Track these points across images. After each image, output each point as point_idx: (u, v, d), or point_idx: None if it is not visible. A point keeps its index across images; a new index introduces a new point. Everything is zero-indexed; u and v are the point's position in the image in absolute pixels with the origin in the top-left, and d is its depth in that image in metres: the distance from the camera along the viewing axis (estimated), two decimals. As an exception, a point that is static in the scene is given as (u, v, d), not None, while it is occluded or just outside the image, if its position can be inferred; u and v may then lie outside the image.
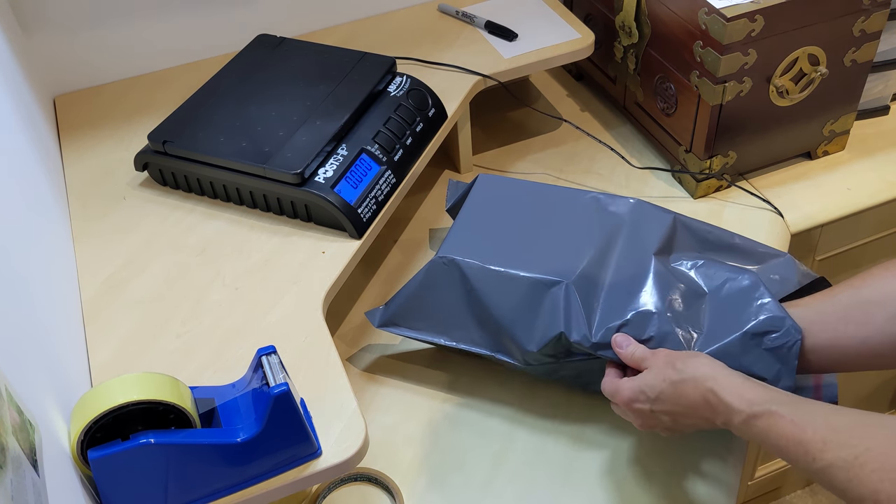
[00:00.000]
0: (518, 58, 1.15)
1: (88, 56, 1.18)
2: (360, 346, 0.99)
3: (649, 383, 0.75)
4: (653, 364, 0.76)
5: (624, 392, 0.77)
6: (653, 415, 0.75)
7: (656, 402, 0.74)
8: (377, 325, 0.91)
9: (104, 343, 0.84)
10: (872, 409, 1.54)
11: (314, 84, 1.04)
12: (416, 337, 0.91)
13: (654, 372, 0.75)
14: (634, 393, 0.76)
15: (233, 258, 0.92)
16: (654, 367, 0.76)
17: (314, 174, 0.93)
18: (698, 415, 0.72)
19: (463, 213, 0.94)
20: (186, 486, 0.68)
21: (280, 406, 0.67)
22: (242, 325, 0.85)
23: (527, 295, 0.84)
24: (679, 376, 0.73)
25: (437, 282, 0.88)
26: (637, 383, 0.76)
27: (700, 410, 0.72)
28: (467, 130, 1.17)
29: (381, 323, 0.91)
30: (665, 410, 0.74)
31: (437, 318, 0.90)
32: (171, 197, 1.01)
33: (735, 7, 0.96)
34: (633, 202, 0.91)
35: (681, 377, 0.73)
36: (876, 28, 1.05)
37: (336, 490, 0.86)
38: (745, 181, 1.15)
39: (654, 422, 0.76)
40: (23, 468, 0.53)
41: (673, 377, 0.73)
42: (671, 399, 0.73)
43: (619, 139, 1.24)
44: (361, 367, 0.97)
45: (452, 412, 0.92)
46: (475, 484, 0.85)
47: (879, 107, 1.24)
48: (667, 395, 0.74)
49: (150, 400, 0.65)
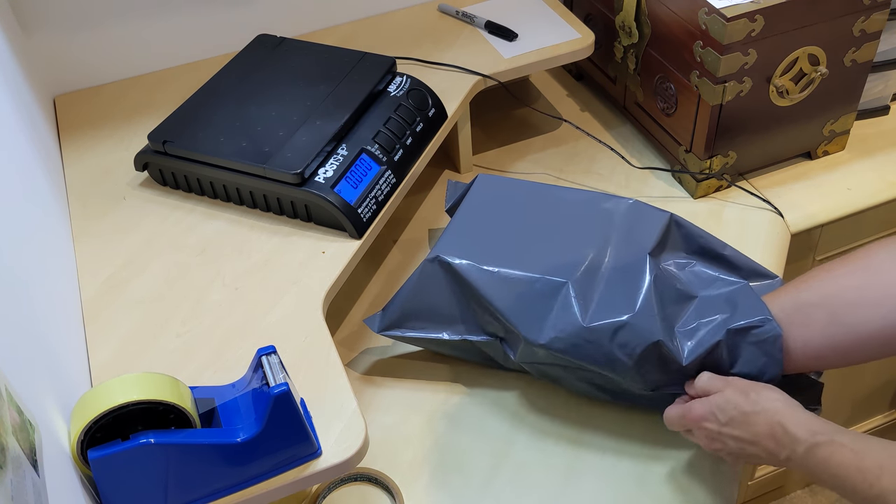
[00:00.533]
0: (518, 58, 1.15)
1: (88, 56, 1.18)
2: (361, 346, 0.99)
3: (722, 407, 0.76)
4: (725, 388, 0.77)
5: (696, 409, 0.78)
6: (721, 436, 0.76)
7: (726, 426, 0.75)
8: (377, 331, 0.91)
9: (104, 343, 0.84)
10: (872, 409, 1.55)
11: (314, 84, 1.04)
12: (416, 336, 0.91)
13: (726, 397, 0.76)
14: (706, 412, 0.77)
15: (233, 258, 0.92)
16: (726, 393, 0.76)
17: (314, 174, 0.93)
18: (763, 446, 0.73)
19: (459, 213, 0.94)
20: (186, 486, 0.68)
21: (280, 406, 0.67)
22: (242, 325, 0.85)
23: (523, 294, 0.84)
24: (751, 407, 0.74)
25: (431, 283, 0.89)
26: (709, 405, 0.77)
27: (765, 442, 0.73)
28: (467, 130, 1.17)
29: (381, 328, 0.91)
30: (734, 436, 0.75)
31: (435, 317, 0.90)
32: (171, 197, 1.01)
33: (735, 7, 0.96)
34: (631, 202, 0.91)
35: (752, 409, 0.74)
36: (876, 28, 1.05)
37: (336, 490, 0.86)
38: (745, 181, 1.15)
39: (721, 444, 0.77)
40: (23, 468, 0.53)
41: (745, 407, 0.74)
42: (741, 427, 0.74)
43: (619, 139, 1.24)
44: (362, 367, 0.97)
45: (452, 412, 0.92)
46: (475, 484, 0.85)
47: (879, 107, 1.24)
48: (737, 422, 0.75)
49: (150, 400, 0.65)
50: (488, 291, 0.85)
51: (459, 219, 0.94)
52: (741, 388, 0.76)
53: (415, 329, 0.90)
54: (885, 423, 1.58)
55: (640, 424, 0.89)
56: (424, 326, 0.90)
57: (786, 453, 0.71)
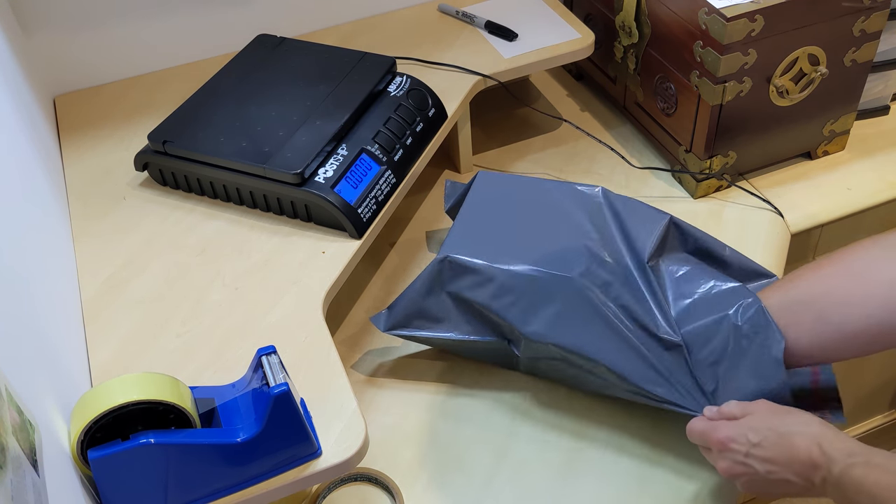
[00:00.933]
0: (518, 58, 1.15)
1: (88, 56, 1.18)
2: (361, 347, 0.99)
3: (755, 427, 0.74)
4: (755, 411, 0.76)
5: (721, 431, 0.76)
6: (746, 459, 0.74)
7: (756, 448, 0.73)
8: (384, 330, 0.91)
9: (104, 343, 0.84)
10: (872, 409, 1.55)
11: (314, 84, 1.04)
12: (422, 336, 0.91)
13: (758, 418, 0.75)
14: (735, 434, 0.75)
15: (233, 258, 0.92)
16: (758, 414, 0.75)
17: (314, 174, 0.93)
18: (793, 470, 0.71)
19: (463, 212, 0.95)
20: (186, 486, 0.68)
21: (280, 406, 0.67)
22: (242, 325, 0.85)
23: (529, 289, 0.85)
24: (787, 428, 0.73)
25: (440, 282, 0.89)
26: (740, 426, 0.75)
27: (796, 465, 0.71)
28: (467, 130, 1.17)
29: (388, 327, 0.91)
30: (763, 457, 0.73)
31: (441, 317, 0.90)
32: (171, 197, 1.01)
33: (735, 7, 0.96)
34: (630, 201, 0.92)
35: (789, 430, 0.72)
36: (876, 28, 1.05)
37: (336, 490, 0.86)
38: (745, 181, 1.15)
39: (743, 469, 0.74)
40: (23, 468, 0.53)
41: (780, 428, 0.73)
42: (773, 447, 0.73)
43: (619, 139, 1.24)
44: (362, 367, 0.97)
45: (452, 412, 0.92)
46: (475, 484, 0.85)
47: (879, 107, 1.24)
48: (770, 442, 0.73)
49: (150, 400, 0.65)
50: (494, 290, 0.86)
51: (464, 216, 0.94)
52: (774, 409, 0.75)
53: (421, 329, 0.90)
54: (885, 423, 1.58)
55: (641, 424, 0.89)
56: (431, 326, 0.90)
57: (821, 475, 0.69)
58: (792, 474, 0.72)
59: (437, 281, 0.89)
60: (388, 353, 0.98)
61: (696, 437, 0.79)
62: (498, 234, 0.91)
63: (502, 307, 0.85)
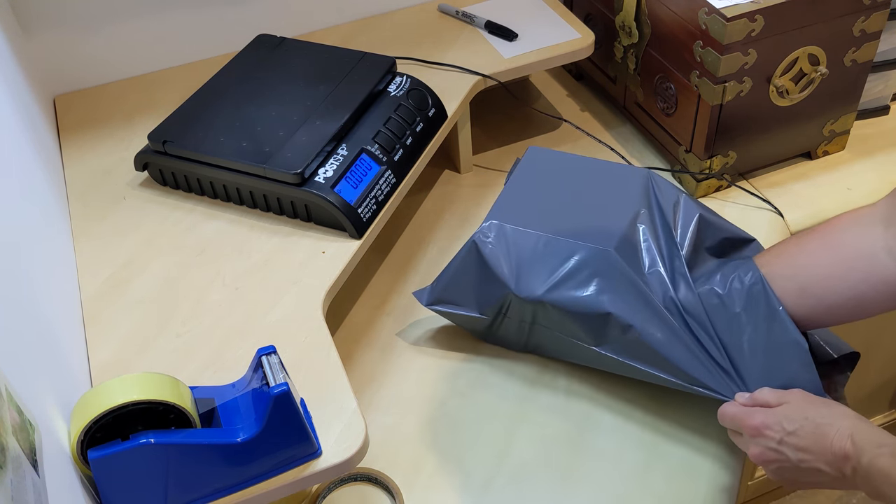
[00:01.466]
0: (518, 58, 1.15)
1: (88, 56, 1.18)
2: (361, 346, 0.99)
3: (790, 416, 0.75)
4: (791, 400, 0.76)
5: (757, 417, 0.76)
6: (779, 446, 0.75)
7: (791, 436, 0.74)
8: (425, 304, 0.94)
9: (104, 343, 0.84)
10: (872, 409, 1.55)
11: (314, 84, 1.04)
12: (461, 313, 0.93)
13: (794, 407, 0.75)
14: (770, 421, 0.75)
15: (233, 258, 0.92)
16: (794, 403, 0.76)
17: (314, 174, 0.93)
18: (825, 460, 0.72)
19: (511, 184, 0.98)
20: (186, 486, 0.68)
21: (280, 406, 0.67)
22: (242, 325, 0.85)
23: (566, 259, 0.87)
24: (823, 419, 0.73)
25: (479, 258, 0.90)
26: (775, 414, 0.76)
27: (829, 455, 0.72)
28: (467, 130, 1.17)
29: (429, 301, 0.94)
30: (797, 446, 0.74)
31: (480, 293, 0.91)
32: (171, 197, 1.01)
33: (735, 7, 0.96)
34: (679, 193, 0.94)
35: (824, 420, 0.73)
36: (876, 28, 1.05)
37: (336, 490, 0.86)
38: (745, 181, 1.15)
39: (775, 455, 0.75)
40: (23, 468, 0.53)
41: (817, 419, 0.74)
42: (808, 436, 0.73)
43: (619, 139, 1.24)
44: (362, 366, 0.97)
45: (452, 412, 0.92)
46: (475, 484, 0.85)
47: (879, 107, 1.24)
48: (805, 431, 0.74)
49: (150, 400, 0.65)
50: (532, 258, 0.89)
51: (511, 189, 0.97)
52: (809, 399, 0.76)
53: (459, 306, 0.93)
54: (885, 423, 1.58)
55: (642, 423, 0.89)
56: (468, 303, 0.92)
57: (851, 465, 0.70)
58: (824, 464, 0.72)
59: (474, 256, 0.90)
60: (389, 352, 0.98)
61: (727, 422, 0.80)
62: (542, 206, 0.94)
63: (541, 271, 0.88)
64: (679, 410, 0.90)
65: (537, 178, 0.98)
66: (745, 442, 0.78)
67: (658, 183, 0.94)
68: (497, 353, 0.97)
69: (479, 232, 0.90)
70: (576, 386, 0.93)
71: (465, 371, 0.96)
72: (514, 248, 0.89)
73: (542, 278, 0.87)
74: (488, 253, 0.89)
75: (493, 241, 0.90)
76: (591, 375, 0.93)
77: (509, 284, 0.88)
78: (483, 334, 0.97)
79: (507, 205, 0.94)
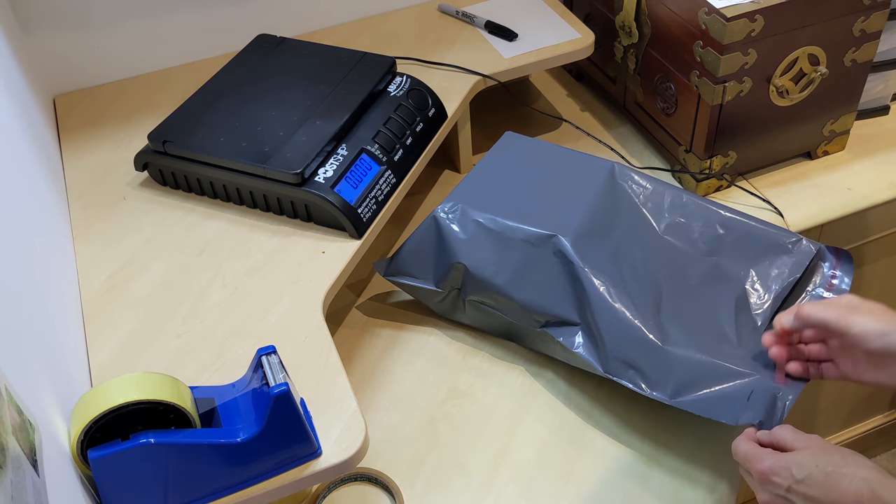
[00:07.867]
0: (518, 58, 1.15)
1: (88, 56, 1.18)
2: (361, 346, 0.99)
3: (801, 463, 0.72)
4: (806, 446, 0.74)
5: (766, 461, 0.74)
6: (787, 494, 0.72)
7: (800, 484, 0.71)
8: (383, 275, 0.99)
9: (104, 343, 0.84)
10: (872, 409, 1.55)
11: (314, 84, 1.04)
12: (417, 285, 0.96)
13: (807, 455, 0.73)
14: (778, 467, 0.73)
15: (233, 258, 0.92)
16: (807, 450, 0.73)
17: (314, 174, 0.93)
18: None
19: (478, 167, 1.01)
20: (186, 486, 0.68)
21: (280, 406, 0.67)
22: (242, 325, 0.85)
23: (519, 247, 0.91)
24: (834, 468, 0.71)
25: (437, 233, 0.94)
26: (786, 460, 0.73)
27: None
28: (467, 130, 1.17)
29: (388, 272, 0.99)
30: (807, 495, 0.71)
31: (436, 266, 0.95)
32: (171, 197, 1.01)
33: (735, 7, 0.96)
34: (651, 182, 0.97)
35: (837, 470, 0.71)
36: (876, 28, 1.05)
37: (336, 490, 0.86)
38: (745, 181, 1.15)
39: (782, 502, 0.73)
40: (23, 468, 0.53)
41: (828, 468, 0.71)
42: (818, 486, 0.71)
43: (619, 139, 1.24)
44: (362, 366, 0.97)
45: (452, 412, 0.92)
46: (475, 484, 0.85)
47: (879, 107, 1.24)
48: (815, 480, 0.71)
49: (150, 400, 0.65)
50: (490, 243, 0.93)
51: (477, 172, 1.01)
52: (825, 448, 0.73)
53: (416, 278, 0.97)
54: (885, 423, 1.58)
55: (642, 424, 0.89)
56: (424, 276, 0.96)
57: None
58: None
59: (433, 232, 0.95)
60: (389, 352, 0.98)
61: (739, 458, 0.78)
62: (503, 190, 0.97)
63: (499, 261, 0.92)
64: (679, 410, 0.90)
65: (505, 162, 1.02)
66: (755, 485, 0.76)
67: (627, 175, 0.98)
68: (497, 353, 0.97)
69: (440, 208, 0.96)
70: (576, 386, 0.93)
71: (465, 371, 0.96)
72: (469, 227, 0.94)
73: (491, 260, 0.92)
74: (446, 229, 0.94)
75: (451, 218, 0.95)
76: (591, 375, 0.93)
77: (462, 260, 0.92)
78: (440, 309, 1.00)
79: (470, 186, 0.99)
